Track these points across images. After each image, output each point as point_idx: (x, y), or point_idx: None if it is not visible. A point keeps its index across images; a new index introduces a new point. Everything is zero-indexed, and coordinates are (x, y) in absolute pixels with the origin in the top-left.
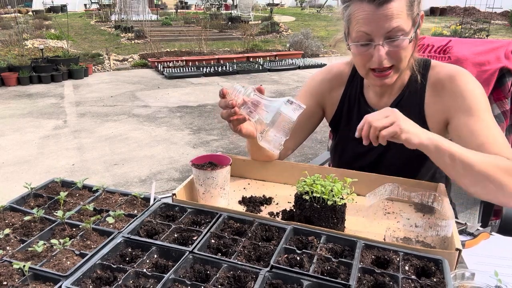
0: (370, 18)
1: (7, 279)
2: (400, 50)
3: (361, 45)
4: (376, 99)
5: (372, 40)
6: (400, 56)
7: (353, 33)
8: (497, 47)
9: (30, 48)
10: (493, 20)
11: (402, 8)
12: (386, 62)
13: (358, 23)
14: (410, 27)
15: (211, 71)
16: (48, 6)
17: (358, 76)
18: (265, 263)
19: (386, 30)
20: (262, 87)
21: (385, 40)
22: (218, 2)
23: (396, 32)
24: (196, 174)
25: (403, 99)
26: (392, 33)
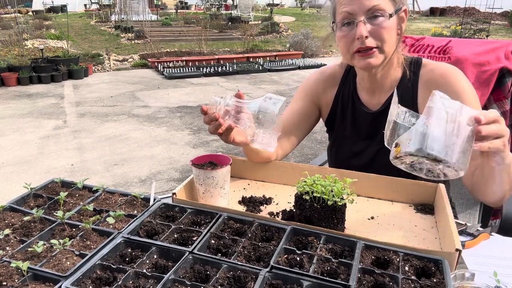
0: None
1: (7, 279)
2: (382, 29)
3: (344, 24)
4: (368, 97)
5: (354, 19)
6: (383, 36)
7: (338, 17)
8: (497, 48)
9: (30, 48)
10: (493, 20)
11: None
12: (369, 42)
13: (342, 5)
14: (392, 11)
15: (211, 71)
16: (48, 6)
17: (351, 76)
18: (265, 264)
19: (366, 8)
20: (240, 92)
21: (366, 18)
22: (218, 2)
23: (376, 11)
24: (196, 173)
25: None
26: (372, 11)
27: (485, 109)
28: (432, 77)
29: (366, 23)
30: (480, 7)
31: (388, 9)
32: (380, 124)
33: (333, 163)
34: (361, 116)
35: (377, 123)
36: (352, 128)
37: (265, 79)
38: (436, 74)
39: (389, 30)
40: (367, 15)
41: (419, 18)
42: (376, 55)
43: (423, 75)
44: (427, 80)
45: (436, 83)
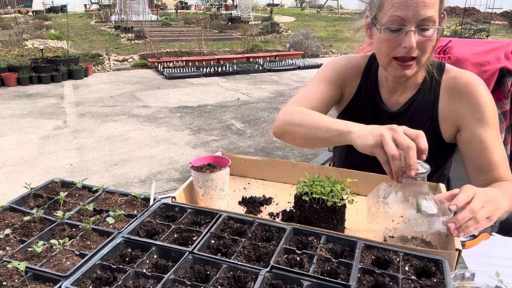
0: (407, 3)
1: (7, 279)
2: (428, 42)
3: (392, 30)
4: (388, 95)
5: (404, 25)
6: (426, 47)
7: (385, 17)
8: (497, 48)
9: (30, 48)
10: (493, 20)
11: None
12: (413, 52)
13: (393, 7)
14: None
15: (211, 72)
16: (48, 6)
17: (373, 70)
18: (265, 264)
19: (421, 17)
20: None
21: (417, 28)
22: (218, 3)
23: (429, 22)
24: (195, 176)
25: (417, 99)
26: (425, 22)
27: None
28: (455, 85)
29: (416, 33)
30: (480, 7)
31: (437, 19)
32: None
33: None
34: (381, 115)
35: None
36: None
37: (265, 79)
38: (460, 82)
39: (433, 42)
40: (419, 25)
41: None
42: (413, 66)
43: (446, 81)
44: (450, 87)
45: (459, 91)
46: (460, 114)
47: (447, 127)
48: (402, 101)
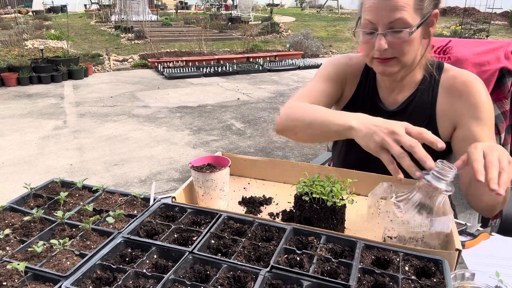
0: (375, 7)
1: (7, 279)
2: (402, 43)
3: (366, 33)
4: (386, 94)
5: (376, 29)
6: (402, 49)
7: (362, 20)
8: (497, 48)
9: (30, 48)
10: (493, 20)
11: (409, 1)
12: (388, 53)
13: (365, 11)
14: (418, 21)
15: (211, 72)
16: (48, 6)
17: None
18: (265, 264)
19: (388, 20)
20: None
21: (387, 30)
22: (218, 3)
23: (399, 24)
24: (195, 176)
25: (416, 98)
26: (394, 24)
27: None
28: (454, 84)
29: (387, 35)
30: (480, 7)
31: (413, 21)
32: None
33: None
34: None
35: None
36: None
37: (265, 79)
38: (458, 81)
39: (410, 43)
40: (388, 28)
41: None
42: (393, 64)
43: (444, 80)
44: (448, 86)
45: (458, 90)
46: (458, 113)
47: (445, 126)
48: (400, 100)
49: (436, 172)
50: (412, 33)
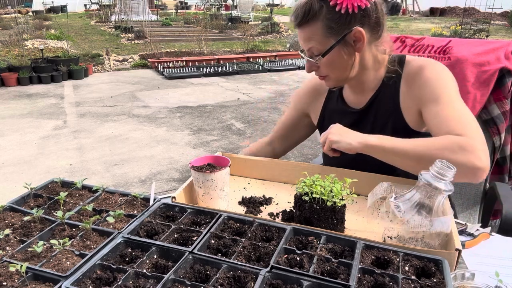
0: (298, 36)
1: (6, 279)
2: (322, 66)
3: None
4: (353, 96)
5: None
6: (323, 71)
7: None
8: (497, 48)
9: (30, 48)
10: (493, 20)
11: (316, 31)
12: (319, 73)
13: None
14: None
15: (211, 72)
16: (48, 6)
17: None
18: (265, 264)
19: (306, 48)
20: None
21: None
22: (218, 3)
23: (313, 51)
24: (195, 176)
25: (379, 95)
26: (310, 52)
27: (485, 109)
28: (409, 73)
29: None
30: (480, 7)
31: (323, 47)
32: (362, 122)
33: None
34: (346, 116)
35: (360, 121)
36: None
37: (265, 79)
38: (413, 70)
39: (328, 65)
40: (307, 54)
41: (419, 18)
42: (327, 80)
43: (405, 72)
44: (407, 76)
45: (412, 77)
46: (417, 98)
47: (411, 115)
48: (365, 100)
49: (435, 172)
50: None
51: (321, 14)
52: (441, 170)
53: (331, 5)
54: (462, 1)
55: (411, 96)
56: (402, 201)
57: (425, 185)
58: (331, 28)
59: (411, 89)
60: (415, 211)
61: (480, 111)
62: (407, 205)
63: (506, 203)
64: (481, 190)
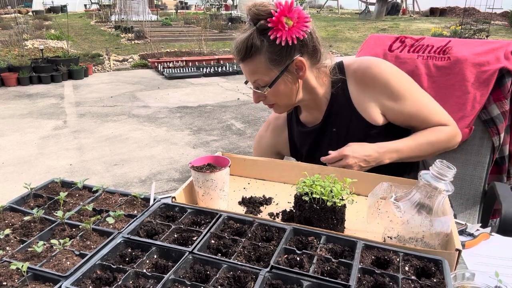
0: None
1: (7, 279)
2: (269, 96)
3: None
4: (307, 116)
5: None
6: (270, 100)
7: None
8: (497, 48)
9: (30, 48)
10: (493, 20)
11: (260, 64)
12: (267, 102)
13: None
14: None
15: (211, 72)
16: (48, 6)
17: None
18: (265, 264)
19: (251, 80)
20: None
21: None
22: (218, 3)
23: (258, 84)
24: (195, 176)
25: (333, 106)
26: (255, 84)
27: (484, 109)
28: (357, 76)
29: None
30: (480, 7)
31: (268, 78)
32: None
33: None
34: (310, 135)
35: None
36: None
37: None
38: (359, 73)
39: (274, 94)
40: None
41: (419, 19)
42: (276, 107)
43: (350, 76)
44: (355, 80)
45: (362, 81)
46: (373, 98)
47: (371, 114)
48: (321, 115)
49: (435, 172)
50: (267, 89)
51: (263, 48)
52: (441, 170)
53: (271, 39)
54: (462, 1)
55: (366, 95)
56: (402, 201)
57: (425, 185)
58: (274, 60)
59: (363, 89)
60: (415, 211)
61: (479, 111)
62: (407, 205)
63: (505, 203)
64: (481, 190)
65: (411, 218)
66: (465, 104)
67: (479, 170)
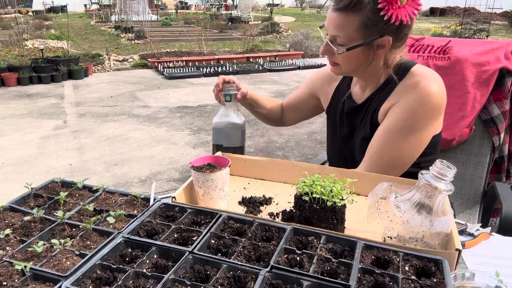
0: (327, 17)
1: (7, 279)
2: (339, 56)
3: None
4: (358, 91)
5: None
6: (337, 60)
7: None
8: (497, 48)
9: (30, 48)
10: (493, 20)
11: (351, 22)
12: (331, 58)
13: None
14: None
15: (211, 72)
16: (48, 6)
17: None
18: (265, 264)
19: (331, 34)
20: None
21: (328, 41)
22: (218, 3)
23: (334, 39)
24: (195, 176)
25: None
26: (331, 38)
27: (485, 109)
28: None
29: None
30: (480, 7)
31: (349, 41)
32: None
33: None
34: (348, 108)
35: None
36: (340, 117)
37: (265, 79)
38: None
39: (345, 58)
40: (331, 39)
41: (419, 18)
42: (336, 68)
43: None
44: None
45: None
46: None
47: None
48: (365, 96)
49: (435, 172)
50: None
51: (365, 9)
52: (441, 170)
53: (377, 7)
54: (462, 1)
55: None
56: (402, 201)
57: (425, 185)
58: (366, 27)
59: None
60: (415, 211)
61: (480, 111)
62: (407, 205)
63: (505, 203)
64: (481, 190)
65: (411, 218)
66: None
67: (479, 170)
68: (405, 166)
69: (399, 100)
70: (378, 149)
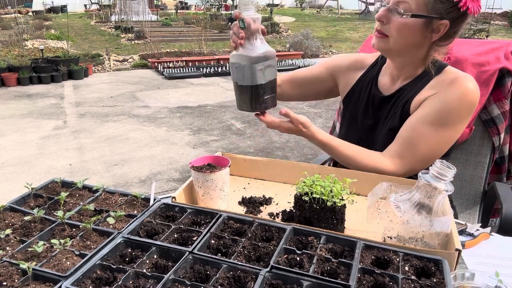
0: None
1: (7, 279)
2: (397, 24)
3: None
4: (388, 81)
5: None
6: (392, 30)
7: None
8: (497, 48)
9: (30, 48)
10: (493, 20)
11: None
12: (384, 28)
13: None
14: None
15: (211, 72)
16: (48, 6)
17: (380, 63)
18: (265, 264)
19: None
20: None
21: (391, 6)
22: (218, 3)
23: (398, 5)
24: (195, 176)
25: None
26: (397, 4)
27: (485, 109)
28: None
29: (391, 12)
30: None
31: (415, 9)
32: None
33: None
34: (374, 99)
35: (383, 106)
36: (364, 108)
37: None
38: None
39: (401, 28)
40: (392, 4)
41: None
42: (383, 41)
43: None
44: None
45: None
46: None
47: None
48: (395, 88)
49: (435, 172)
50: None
51: None
52: (441, 170)
53: None
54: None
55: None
56: (402, 201)
57: (425, 185)
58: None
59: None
60: (415, 211)
61: (479, 111)
62: (407, 205)
63: (505, 203)
64: (481, 190)
65: (411, 218)
66: None
67: (479, 170)
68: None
69: (436, 92)
70: (407, 137)
